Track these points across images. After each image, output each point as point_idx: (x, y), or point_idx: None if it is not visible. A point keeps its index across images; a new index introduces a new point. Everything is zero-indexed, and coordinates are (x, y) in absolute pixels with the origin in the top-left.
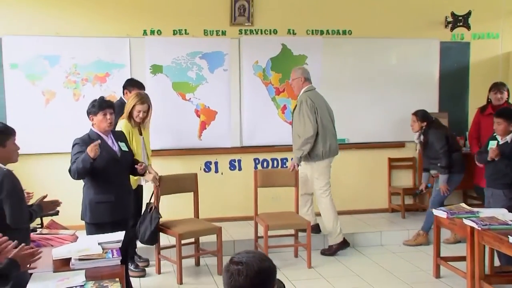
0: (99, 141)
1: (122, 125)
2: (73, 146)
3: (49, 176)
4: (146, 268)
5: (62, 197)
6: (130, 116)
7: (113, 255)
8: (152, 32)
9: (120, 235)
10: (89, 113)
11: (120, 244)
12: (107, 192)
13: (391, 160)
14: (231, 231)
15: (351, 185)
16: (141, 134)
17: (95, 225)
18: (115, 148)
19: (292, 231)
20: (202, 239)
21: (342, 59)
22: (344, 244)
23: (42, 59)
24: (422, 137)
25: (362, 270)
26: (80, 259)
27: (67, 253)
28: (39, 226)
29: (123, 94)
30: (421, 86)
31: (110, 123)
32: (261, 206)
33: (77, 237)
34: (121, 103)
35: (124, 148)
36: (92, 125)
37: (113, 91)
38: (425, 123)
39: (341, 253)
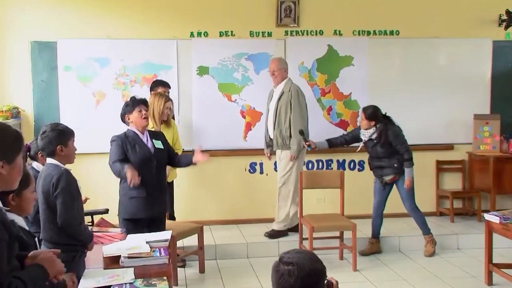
0: (138, 182)
1: None
2: (111, 142)
3: (99, 175)
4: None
5: (111, 196)
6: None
7: (160, 253)
8: (199, 34)
9: (167, 234)
10: (124, 114)
11: (167, 243)
12: (139, 187)
13: (439, 162)
14: None
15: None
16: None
17: (129, 221)
18: (149, 145)
19: (337, 233)
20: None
21: (389, 59)
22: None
23: (93, 61)
24: (375, 135)
25: (409, 275)
26: (129, 257)
27: (116, 251)
28: (90, 224)
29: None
30: (471, 87)
31: (145, 118)
32: (305, 208)
33: (126, 235)
34: None
35: (159, 146)
36: (129, 124)
37: None
38: (373, 123)
39: (387, 257)
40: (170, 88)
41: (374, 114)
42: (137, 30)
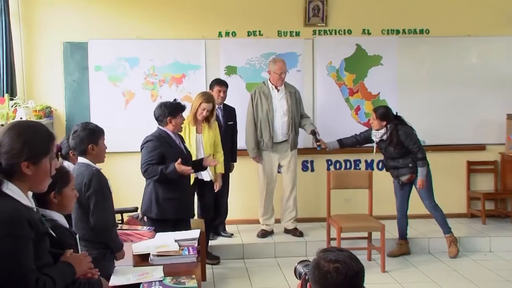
0: (192, 171)
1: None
2: (145, 142)
3: (128, 174)
4: None
5: (140, 195)
6: (193, 114)
7: (189, 252)
8: (227, 34)
9: (196, 233)
10: (164, 115)
11: (196, 242)
12: (173, 189)
13: (470, 163)
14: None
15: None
16: (199, 133)
17: (159, 221)
18: (182, 147)
19: (365, 234)
20: None
21: (419, 59)
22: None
23: (123, 61)
24: (387, 135)
25: (439, 277)
26: (158, 255)
27: (146, 249)
28: (120, 222)
29: None
30: (504, 86)
31: (182, 124)
32: (333, 208)
33: (155, 234)
34: None
35: (188, 149)
36: (165, 125)
37: (189, 92)
38: (384, 123)
39: (416, 258)
40: (227, 87)
41: (385, 114)
42: (166, 30)
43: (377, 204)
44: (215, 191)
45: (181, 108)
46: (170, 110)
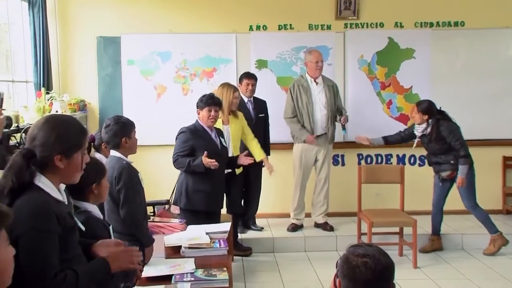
0: (217, 164)
1: None
2: (179, 133)
3: (159, 166)
4: None
5: (171, 188)
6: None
7: (220, 245)
8: (258, 28)
9: (227, 226)
10: (197, 106)
11: (226, 235)
12: (205, 182)
13: (506, 158)
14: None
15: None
16: (226, 124)
17: (189, 212)
18: (217, 141)
19: (396, 229)
20: None
21: (453, 52)
22: None
23: (155, 55)
24: (428, 130)
25: (472, 274)
26: (189, 248)
27: (177, 241)
28: (152, 214)
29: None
30: None
31: (212, 120)
32: (364, 202)
33: (186, 226)
34: None
35: (224, 143)
36: (198, 118)
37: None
38: (426, 117)
39: (449, 255)
40: (256, 80)
41: (427, 108)
42: (197, 24)
43: (408, 199)
44: (270, 174)
45: (207, 102)
46: (199, 102)
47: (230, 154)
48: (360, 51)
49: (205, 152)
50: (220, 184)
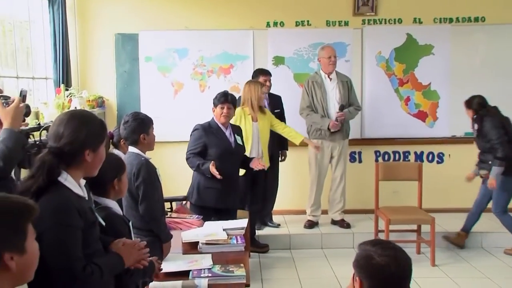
0: (220, 177)
1: (236, 111)
2: (193, 130)
3: (176, 163)
4: None
5: (188, 184)
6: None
7: (237, 241)
8: (275, 24)
9: (244, 222)
10: (213, 103)
11: (244, 231)
12: (216, 179)
13: None
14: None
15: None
16: (255, 120)
17: (199, 208)
18: (231, 140)
19: (414, 226)
20: None
21: (473, 48)
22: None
23: (172, 52)
24: (475, 126)
25: (492, 273)
26: (206, 243)
27: (195, 237)
28: (169, 210)
29: None
30: None
31: (225, 117)
32: (381, 200)
33: (203, 222)
34: None
35: (239, 141)
36: (213, 115)
37: (237, 82)
38: (470, 112)
39: (468, 253)
40: (271, 76)
41: (468, 102)
42: (214, 21)
43: (426, 197)
44: (318, 151)
45: (221, 99)
46: (214, 98)
47: (259, 150)
48: (378, 48)
49: (212, 162)
50: (233, 182)
